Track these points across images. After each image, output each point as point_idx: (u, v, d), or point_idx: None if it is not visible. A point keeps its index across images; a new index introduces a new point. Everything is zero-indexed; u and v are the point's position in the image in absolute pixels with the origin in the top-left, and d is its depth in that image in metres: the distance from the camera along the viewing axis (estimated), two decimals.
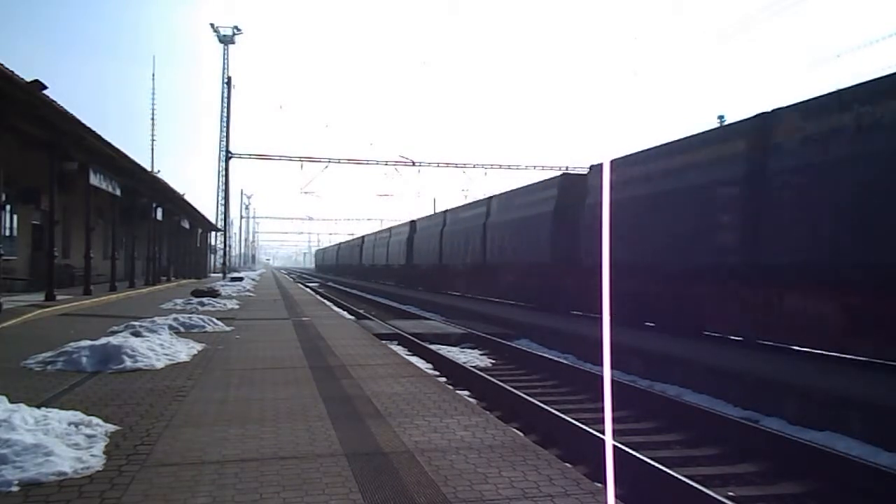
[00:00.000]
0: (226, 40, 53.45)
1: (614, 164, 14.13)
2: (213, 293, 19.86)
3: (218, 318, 11.72)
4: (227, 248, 51.34)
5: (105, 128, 18.53)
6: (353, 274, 56.86)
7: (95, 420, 4.39)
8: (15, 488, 3.28)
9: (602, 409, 7.50)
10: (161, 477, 3.50)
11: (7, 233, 18.81)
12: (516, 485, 3.48)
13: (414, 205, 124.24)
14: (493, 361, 11.73)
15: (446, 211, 29.95)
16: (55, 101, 11.95)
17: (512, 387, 8.41)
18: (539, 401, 7.54)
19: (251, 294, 23.53)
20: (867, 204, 8.45)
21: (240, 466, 3.70)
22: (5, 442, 3.66)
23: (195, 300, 17.03)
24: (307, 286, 39.61)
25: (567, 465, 4.10)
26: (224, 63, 52.97)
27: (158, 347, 7.72)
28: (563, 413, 6.93)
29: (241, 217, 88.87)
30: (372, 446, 4.15)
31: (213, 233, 52.89)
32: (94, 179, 17.07)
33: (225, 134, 45.56)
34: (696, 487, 4.68)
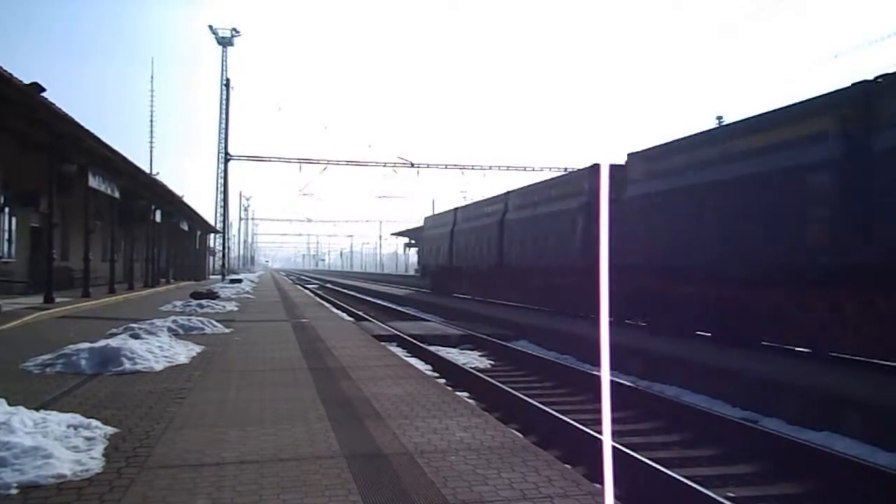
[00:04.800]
0: (224, 42, 53.38)
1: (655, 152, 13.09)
2: (212, 295, 19.86)
3: (217, 320, 11.72)
4: (227, 251, 51.28)
5: (104, 130, 18.47)
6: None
7: (94, 422, 4.39)
8: (14, 491, 3.27)
9: (600, 410, 7.50)
10: (160, 479, 3.50)
11: (6, 235, 18.81)
12: (515, 486, 3.48)
13: (413, 206, 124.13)
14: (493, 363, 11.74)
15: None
16: (54, 104, 11.95)
17: (511, 388, 8.42)
18: (538, 402, 7.55)
19: (250, 296, 23.53)
20: None
21: (239, 468, 3.70)
22: (4, 444, 3.66)
23: (194, 302, 17.04)
24: (306, 287, 39.61)
25: (566, 466, 4.10)
26: (223, 65, 52.90)
27: (157, 350, 7.72)
28: (561, 414, 6.93)
29: (240, 219, 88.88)
30: (371, 448, 4.15)
31: (212, 235, 52.86)
32: (93, 182, 17.06)
33: (224, 136, 45.55)
34: (695, 488, 4.68)
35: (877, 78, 8.85)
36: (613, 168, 14.81)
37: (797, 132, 9.76)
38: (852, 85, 9.13)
